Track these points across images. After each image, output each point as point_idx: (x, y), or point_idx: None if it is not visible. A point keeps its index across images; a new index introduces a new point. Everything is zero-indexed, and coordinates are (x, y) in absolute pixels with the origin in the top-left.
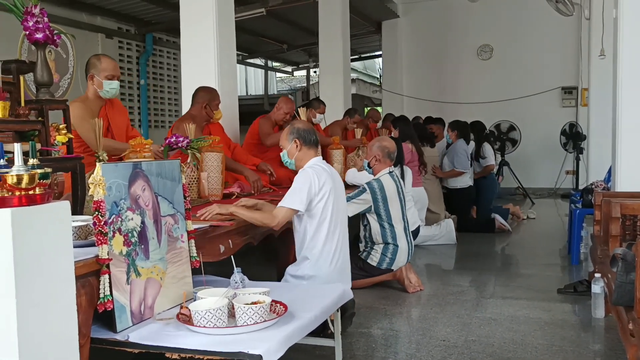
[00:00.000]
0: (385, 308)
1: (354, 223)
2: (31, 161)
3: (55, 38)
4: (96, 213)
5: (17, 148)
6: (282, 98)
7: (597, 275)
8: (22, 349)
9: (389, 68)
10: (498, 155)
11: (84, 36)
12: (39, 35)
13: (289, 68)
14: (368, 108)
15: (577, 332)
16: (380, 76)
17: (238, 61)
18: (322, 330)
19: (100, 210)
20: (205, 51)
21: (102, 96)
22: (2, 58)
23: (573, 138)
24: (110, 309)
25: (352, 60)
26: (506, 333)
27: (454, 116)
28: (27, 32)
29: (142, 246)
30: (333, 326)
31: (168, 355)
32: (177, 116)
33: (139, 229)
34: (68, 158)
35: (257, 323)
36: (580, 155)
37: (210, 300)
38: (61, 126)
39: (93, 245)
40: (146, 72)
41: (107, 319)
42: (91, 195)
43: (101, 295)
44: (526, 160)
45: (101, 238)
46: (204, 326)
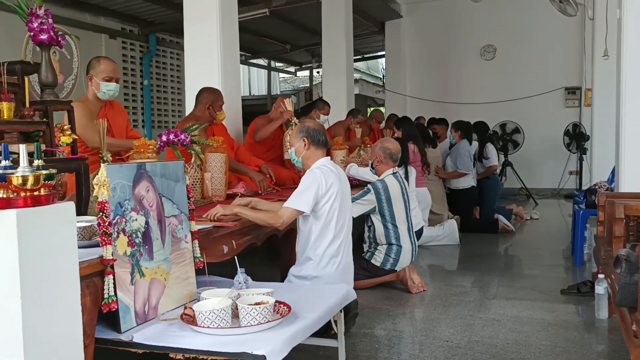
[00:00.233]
0: (388, 309)
1: (358, 223)
2: (36, 162)
3: (59, 39)
4: (100, 214)
5: (23, 149)
6: (280, 98)
7: (601, 276)
8: (27, 349)
9: (392, 68)
10: (501, 155)
11: (88, 37)
12: (44, 36)
13: (292, 68)
14: (371, 108)
15: (581, 333)
16: (383, 76)
17: (241, 61)
18: (326, 330)
19: (104, 211)
20: (208, 51)
21: (100, 97)
22: (7, 59)
23: (576, 138)
24: (114, 310)
25: (355, 60)
26: (509, 334)
27: (457, 116)
28: (32, 34)
29: (146, 247)
30: (336, 327)
31: (172, 355)
32: (181, 117)
33: (143, 230)
34: (72, 159)
35: (261, 324)
36: (583, 155)
37: (214, 300)
38: (65, 127)
39: (97, 245)
40: (149, 73)
41: (112, 320)
42: (95, 196)
43: (105, 295)
44: (529, 160)
45: (105, 239)
46: (208, 327)
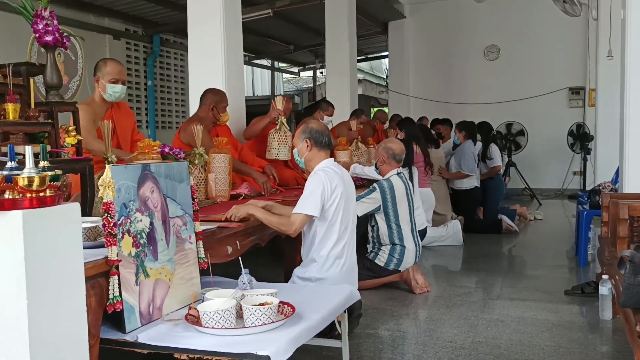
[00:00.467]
0: (392, 309)
1: (361, 223)
2: (42, 163)
3: (64, 41)
4: (105, 215)
5: (28, 150)
6: (278, 97)
7: (605, 276)
8: (33, 350)
9: (396, 68)
10: (505, 156)
11: (92, 37)
12: (49, 37)
13: (296, 69)
14: (375, 109)
15: (585, 334)
16: (386, 77)
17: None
18: (330, 331)
19: (109, 211)
20: (212, 52)
21: (106, 99)
22: (12, 60)
23: (580, 139)
24: (119, 310)
25: (359, 60)
26: (513, 334)
27: (461, 117)
28: (37, 35)
29: (151, 247)
30: (340, 327)
31: (176, 356)
32: (184, 117)
33: (148, 231)
34: (77, 160)
35: (265, 324)
36: (587, 156)
37: (218, 301)
38: (70, 128)
39: (102, 246)
40: (153, 73)
41: (116, 320)
42: (100, 197)
43: (110, 296)
44: (533, 160)
45: (110, 239)
46: (212, 327)
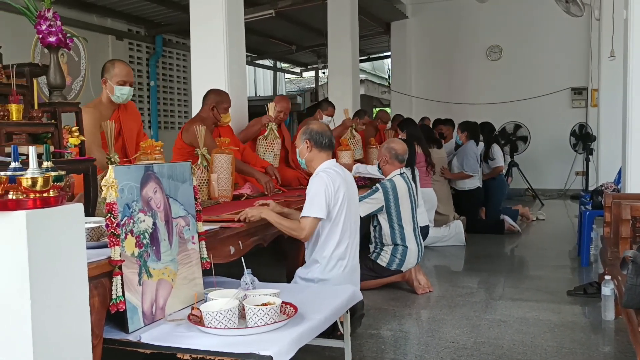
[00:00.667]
0: (394, 309)
1: (364, 222)
2: (45, 164)
3: (67, 41)
4: (109, 215)
5: (32, 151)
6: (277, 97)
7: (607, 277)
8: (37, 350)
9: (398, 69)
10: (507, 156)
11: (95, 38)
12: (52, 38)
13: (298, 69)
14: (377, 109)
15: (587, 335)
16: (389, 77)
17: (247, 62)
18: (332, 331)
19: (112, 212)
20: (214, 52)
21: (114, 101)
22: (15, 61)
23: (583, 139)
24: (122, 310)
25: (361, 61)
26: (515, 335)
27: (463, 117)
28: (40, 36)
29: (154, 248)
30: (342, 327)
31: (179, 356)
32: (187, 118)
33: (151, 231)
34: (81, 160)
35: (268, 324)
36: (590, 156)
37: (221, 301)
38: (74, 128)
39: (105, 246)
40: (156, 74)
41: (120, 320)
42: (103, 197)
43: (114, 296)
44: (536, 161)
45: (114, 240)
46: (215, 327)
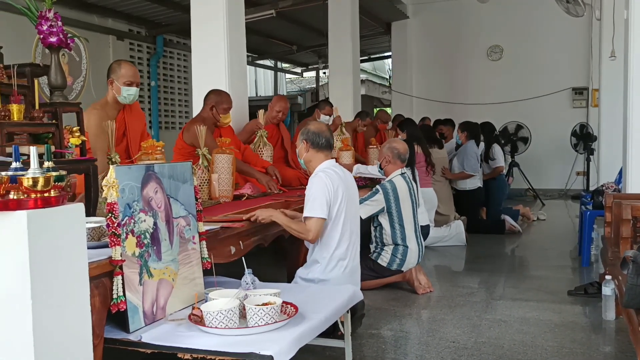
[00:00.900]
0: (395, 309)
1: (364, 222)
2: (46, 164)
3: (69, 42)
4: (110, 215)
5: (33, 151)
6: (275, 97)
7: (608, 277)
8: (38, 349)
9: (399, 69)
10: (508, 156)
11: (96, 38)
12: (53, 39)
13: (299, 69)
14: (377, 109)
15: (588, 334)
16: (389, 77)
17: (248, 62)
18: (332, 331)
19: (113, 212)
20: (215, 53)
21: (121, 101)
22: (16, 61)
23: (584, 139)
24: (123, 310)
25: (362, 61)
26: (516, 335)
27: (464, 117)
28: (41, 36)
29: (155, 247)
30: (343, 327)
31: (180, 355)
32: (188, 118)
33: (152, 231)
34: (81, 160)
35: (268, 324)
36: (590, 156)
37: (221, 301)
38: (75, 129)
39: (106, 246)
40: (157, 74)
41: (120, 320)
42: (104, 197)
43: (114, 296)
44: (536, 161)
45: (114, 239)
46: (216, 327)
